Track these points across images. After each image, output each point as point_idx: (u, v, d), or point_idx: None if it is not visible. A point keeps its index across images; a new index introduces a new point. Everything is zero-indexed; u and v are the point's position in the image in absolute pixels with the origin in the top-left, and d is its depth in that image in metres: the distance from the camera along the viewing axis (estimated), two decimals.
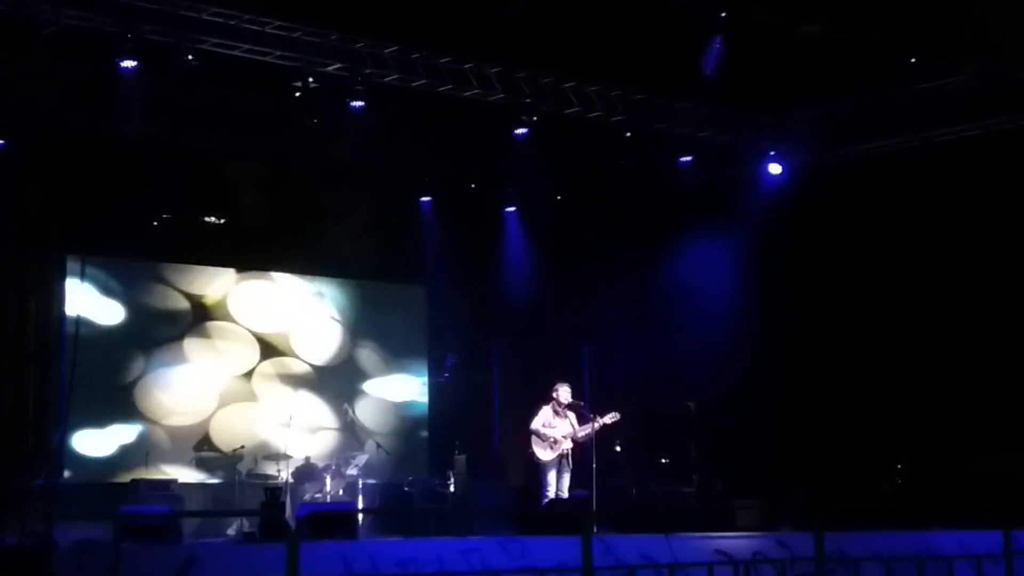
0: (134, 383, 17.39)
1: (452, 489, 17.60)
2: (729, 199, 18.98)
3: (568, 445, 15.98)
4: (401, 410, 19.45)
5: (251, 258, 18.49)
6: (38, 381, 11.59)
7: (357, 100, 16.10)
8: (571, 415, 16.08)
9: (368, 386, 19.24)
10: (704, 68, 15.74)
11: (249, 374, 18.28)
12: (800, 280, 18.41)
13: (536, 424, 16.07)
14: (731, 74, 15.83)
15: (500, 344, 20.02)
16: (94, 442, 16.84)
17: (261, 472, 16.79)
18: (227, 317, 18.26)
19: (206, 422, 17.81)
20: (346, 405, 18.64)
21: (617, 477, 18.18)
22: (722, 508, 15.83)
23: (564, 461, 16.00)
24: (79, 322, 16.05)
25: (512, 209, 20.09)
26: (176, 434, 17.57)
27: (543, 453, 16.01)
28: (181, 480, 16.55)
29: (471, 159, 19.19)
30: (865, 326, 17.69)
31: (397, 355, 19.63)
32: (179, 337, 17.86)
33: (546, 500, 15.73)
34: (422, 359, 19.81)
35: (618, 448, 18.21)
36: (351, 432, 18.51)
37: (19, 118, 11.82)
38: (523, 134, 17.32)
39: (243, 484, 16.64)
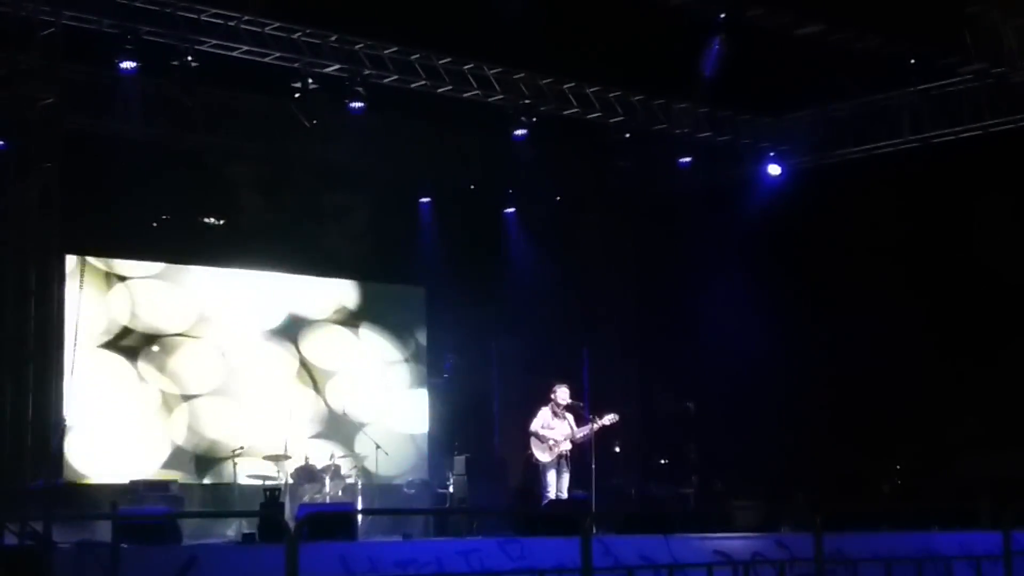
0: (132, 383, 17.41)
1: (451, 490, 17.61)
2: (728, 200, 18.99)
3: (567, 446, 15.97)
4: (400, 411, 19.45)
5: (250, 259, 18.49)
6: (37, 381, 11.59)
7: (356, 101, 16.10)
8: (570, 416, 16.07)
9: (367, 386, 19.24)
10: (703, 69, 15.74)
11: (248, 374, 18.29)
12: (799, 280, 18.41)
13: (535, 426, 16.06)
14: (730, 75, 15.84)
15: (499, 345, 20.03)
16: (94, 442, 16.85)
17: (260, 473, 16.78)
18: (226, 317, 18.28)
19: (204, 421, 17.83)
20: (345, 405, 18.64)
21: (616, 478, 18.20)
22: (721, 509, 15.85)
23: (563, 462, 15.98)
24: (78, 322, 16.07)
25: (511, 210, 20.10)
26: (174, 433, 17.61)
27: (542, 455, 15.99)
28: (180, 481, 16.58)
29: (470, 160, 19.22)
30: (864, 326, 17.69)
31: (396, 355, 19.65)
32: (177, 336, 17.89)
33: (546, 501, 15.73)
34: (422, 359, 19.82)
35: (617, 449, 18.23)
36: (350, 433, 18.50)
37: (19, 118, 11.83)
38: (522, 135, 17.32)
39: (242, 485, 16.63)
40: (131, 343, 17.51)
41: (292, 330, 18.77)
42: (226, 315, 18.28)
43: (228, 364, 18.17)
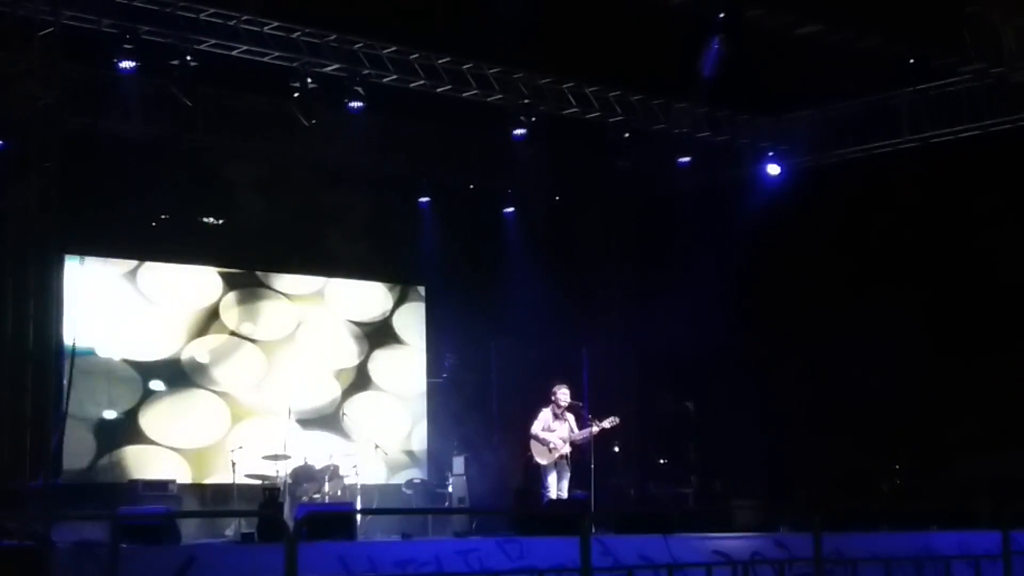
0: (131, 382, 17.42)
1: (451, 490, 17.60)
2: (727, 199, 18.99)
3: (567, 449, 15.95)
4: (400, 410, 19.45)
5: (249, 259, 18.49)
6: (36, 381, 11.58)
7: (355, 101, 16.09)
8: (570, 417, 16.06)
9: (366, 386, 19.23)
10: (702, 69, 15.74)
11: (247, 374, 18.28)
12: (798, 280, 18.40)
13: (536, 428, 16.03)
14: (729, 75, 15.83)
15: (498, 345, 20.02)
16: (92, 442, 16.84)
17: (259, 472, 16.78)
18: (225, 317, 18.28)
19: (201, 421, 17.82)
20: (344, 405, 18.63)
21: (616, 478, 18.21)
22: (720, 508, 15.85)
23: (563, 463, 15.98)
24: (77, 322, 16.06)
25: (511, 209, 20.09)
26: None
27: (541, 458, 15.97)
28: (179, 480, 16.56)
29: (470, 160, 19.22)
30: (863, 326, 17.69)
31: (395, 355, 19.64)
32: (177, 337, 17.88)
33: (545, 501, 15.72)
34: (421, 359, 19.81)
35: (617, 449, 18.24)
36: (349, 433, 18.50)
37: (19, 118, 11.83)
38: (521, 135, 17.30)
39: (241, 485, 16.63)
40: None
41: (291, 331, 18.75)
42: (224, 315, 18.30)
43: (225, 362, 18.14)
